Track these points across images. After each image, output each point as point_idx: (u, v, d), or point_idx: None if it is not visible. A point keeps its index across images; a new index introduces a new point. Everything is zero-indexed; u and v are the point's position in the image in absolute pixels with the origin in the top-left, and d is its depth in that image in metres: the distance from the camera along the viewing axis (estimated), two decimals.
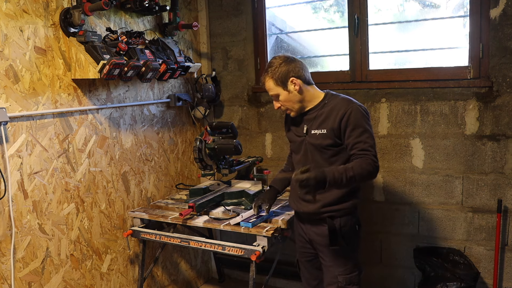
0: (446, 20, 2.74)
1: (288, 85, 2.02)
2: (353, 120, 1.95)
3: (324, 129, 2.02)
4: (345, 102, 2.00)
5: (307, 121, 2.10)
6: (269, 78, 2.05)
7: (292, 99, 2.05)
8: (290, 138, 2.24)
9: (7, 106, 2.03)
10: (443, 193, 2.72)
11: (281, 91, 2.04)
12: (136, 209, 2.73)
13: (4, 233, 2.04)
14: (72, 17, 2.22)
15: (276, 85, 2.03)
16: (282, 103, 2.08)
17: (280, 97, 2.05)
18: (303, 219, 2.20)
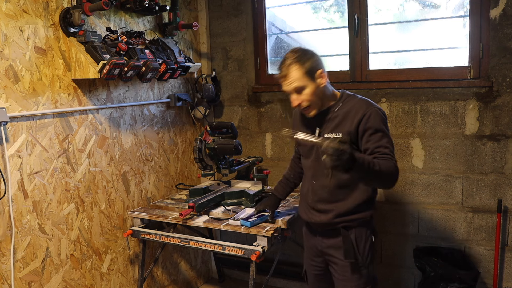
0: (446, 20, 2.74)
1: (316, 77, 1.81)
2: (372, 123, 1.79)
3: (339, 133, 1.84)
4: (364, 104, 1.84)
5: (320, 123, 1.92)
6: (298, 67, 1.80)
7: (318, 94, 1.84)
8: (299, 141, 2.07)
9: (7, 106, 2.03)
10: (443, 193, 2.72)
11: (309, 84, 1.81)
12: (136, 209, 2.73)
13: (4, 233, 2.04)
14: (72, 17, 2.22)
15: (304, 75, 1.79)
16: (305, 98, 1.83)
17: (306, 91, 1.81)
18: (314, 230, 2.06)
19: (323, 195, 1.94)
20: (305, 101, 1.84)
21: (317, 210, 1.96)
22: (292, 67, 1.81)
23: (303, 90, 1.82)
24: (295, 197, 2.74)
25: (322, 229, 2.00)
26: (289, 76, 1.82)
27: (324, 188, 1.92)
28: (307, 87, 1.81)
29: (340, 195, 1.91)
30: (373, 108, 1.82)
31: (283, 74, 1.84)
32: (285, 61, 1.83)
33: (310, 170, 1.99)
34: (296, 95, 1.84)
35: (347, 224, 1.91)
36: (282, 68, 1.85)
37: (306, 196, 2.03)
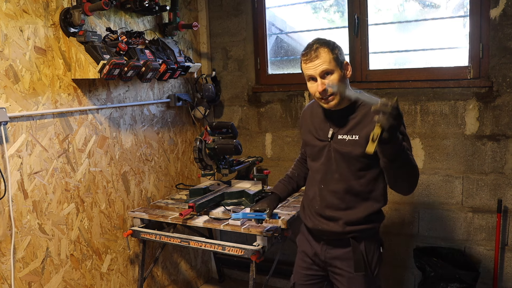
0: (446, 20, 2.74)
1: (344, 66, 1.74)
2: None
3: (356, 135, 1.73)
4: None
5: (334, 123, 1.80)
6: (328, 50, 1.71)
7: (343, 83, 1.74)
8: (307, 141, 1.93)
9: (7, 106, 2.03)
10: (443, 193, 2.72)
11: (337, 70, 1.71)
12: (136, 209, 2.73)
13: (4, 233, 2.04)
14: (72, 17, 2.22)
15: (333, 60, 1.71)
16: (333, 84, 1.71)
17: (333, 76, 1.70)
18: (318, 238, 1.91)
19: (333, 201, 1.82)
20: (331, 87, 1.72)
21: (325, 217, 1.84)
22: (322, 50, 1.72)
23: (331, 74, 1.71)
24: (295, 197, 2.74)
25: (328, 238, 1.86)
26: (319, 57, 1.71)
27: (334, 193, 1.81)
28: (334, 72, 1.71)
29: (350, 202, 1.80)
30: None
31: (312, 56, 1.72)
32: (313, 45, 1.74)
33: (318, 173, 1.86)
34: (321, 80, 1.72)
35: (358, 234, 1.80)
36: (309, 51, 1.74)
37: (312, 202, 1.90)
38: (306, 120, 1.97)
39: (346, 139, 1.75)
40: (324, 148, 1.82)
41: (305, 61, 1.75)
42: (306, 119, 1.97)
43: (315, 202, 1.87)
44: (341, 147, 1.76)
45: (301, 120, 2.03)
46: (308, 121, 1.95)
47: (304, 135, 1.97)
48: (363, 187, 1.78)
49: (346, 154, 1.75)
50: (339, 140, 1.77)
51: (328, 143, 1.81)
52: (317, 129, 1.86)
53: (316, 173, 1.87)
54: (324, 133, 1.83)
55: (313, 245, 1.93)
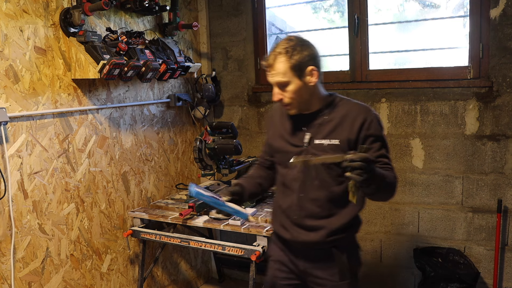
0: (446, 20, 2.74)
1: (305, 75, 1.61)
2: (374, 130, 1.64)
3: (337, 139, 1.64)
4: (363, 109, 1.67)
5: (310, 128, 1.70)
6: (285, 59, 1.59)
7: (304, 93, 1.64)
8: (278, 147, 1.78)
9: (7, 106, 2.03)
10: (443, 193, 2.72)
11: (294, 80, 1.61)
12: (136, 209, 2.73)
13: (4, 233, 2.04)
14: (72, 17, 2.22)
15: (290, 70, 1.59)
16: (288, 95, 1.63)
17: (289, 87, 1.62)
18: (295, 250, 1.79)
19: (313, 209, 1.70)
20: (286, 98, 1.64)
21: (305, 227, 1.72)
22: (279, 58, 1.60)
23: (286, 86, 1.62)
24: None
25: (309, 248, 1.75)
26: (273, 68, 1.61)
27: (315, 201, 1.70)
28: (291, 83, 1.61)
29: (332, 209, 1.70)
30: (373, 114, 1.67)
31: (268, 63, 1.63)
32: (275, 49, 1.63)
33: (296, 182, 1.72)
34: (278, 89, 1.65)
35: (339, 242, 1.71)
36: (269, 55, 1.64)
37: (288, 212, 1.75)
38: (275, 124, 1.82)
39: (325, 144, 1.65)
40: (300, 154, 1.68)
41: (265, 66, 1.66)
42: (275, 123, 1.82)
43: (293, 212, 1.74)
44: (320, 152, 1.64)
45: (267, 124, 1.88)
46: (277, 125, 1.80)
47: (273, 141, 1.81)
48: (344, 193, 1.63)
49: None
50: (317, 145, 1.67)
51: (305, 148, 1.68)
52: (290, 134, 1.73)
53: (293, 181, 1.73)
54: (299, 138, 1.71)
55: (289, 255, 1.82)
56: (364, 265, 3.01)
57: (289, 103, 1.66)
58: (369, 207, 2.92)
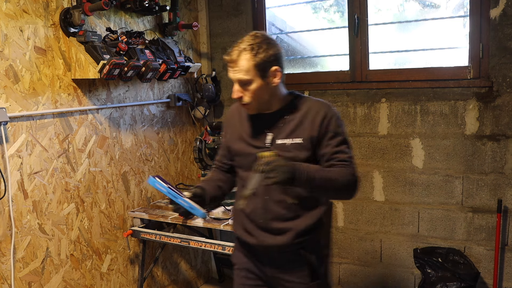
0: (446, 20, 2.74)
1: (268, 75, 1.57)
2: (333, 126, 1.60)
3: (300, 138, 1.60)
4: (323, 106, 1.63)
5: (271, 128, 1.63)
6: (249, 57, 1.53)
7: (265, 93, 1.59)
8: (238, 150, 1.69)
9: (7, 106, 2.03)
10: (443, 193, 2.72)
11: (257, 79, 1.56)
12: (136, 209, 2.73)
13: (4, 233, 2.04)
14: (72, 17, 2.22)
15: (253, 68, 1.54)
16: (248, 94, 1.59)
17: (251, 86, 1.57)
18: (261, 255, 1.73)
19: (279, 211, 1.64)
20: (246, 97, 1.59)
21: (271, 230, 1.65)
22: (243, 55, 1.54)
23: (248, 84, 1.57)
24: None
25: (275, 252, 1.69)
26: (236, 64, 1.56)
27: (280, 203, 1.64)
28: (253, 82, 1.56)
29: (298, 210, 1.64)
30: (334, 110, 1.64)
31: (231, 59, 1.57)
32: (239, 45, 1.56)
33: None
34: (239, 86, 1.60)
35: (307, 244, 1.66)
36: (232, 50, 1.57)
37: (252, 216, 1.68)
38: (234, 125, 1.74)
39: (288, 143, 1.60)
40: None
41: (227, 61, 1.59)
42: (234, 124, 1.74)
43: (257, 216, 1.67)
44: (285, 153, 1.57)
45: (225, 125, 1.80)
46: (237, 126, 1.73)
47: (232, 143, 1.73)
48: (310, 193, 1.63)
49: (290, 159, 1.55)
50: (279, 145, 1.61)
51: (266, 149, 1.60)
52: (251, 136, 1.66)
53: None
54: (260, 139, 1.64)
55: (255, 262, 1.75)
56: (364, 265, 3.03)
57: (248, 102, 1.61)
58: (369, 207, 2.92)
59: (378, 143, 2.84)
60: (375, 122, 2.83)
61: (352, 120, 2.89)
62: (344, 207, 3.00)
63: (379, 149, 2.84)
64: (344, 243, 3.04)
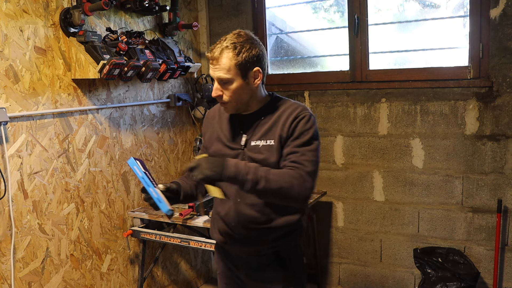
0: (446, 20, 2.74)
1: (249, 75, 1.54)
2: (300, 127, 1.53)
3: (272, 140, 1.56)
4: (298, 107, 1.58)
5: (246, 129, 1.62)
6: (232, 56, 1.50)
7: (244, 93, 1.56)
8: (216, 150, 1.66)
9: (7, 106, 2.03)
10: (443, 193, 2.72)
11: (237, 79, 1.52)
12: (136, 209, 2.73)
13: (4, 233, 2.04)
14: (72, 17, 2.22)
15: (234, 68, 1.51)
16: (228, 93, 1.55)
17: (232, 86, 1.53)
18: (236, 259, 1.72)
19: (251, 214, 1.60)
20: (226, 96, 1.55)
21: (243, 234, 1.62)
22: (225, 53, 1.50)
23: (229, 83, 1.53)
24: None
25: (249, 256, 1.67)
26: (218, 62, 1.52)
27: (253, 206, 1.60)
28: (234, 82, 1.53)
29: (271, 214, 1.60)
30: (306, 113, 1.57)
31: (213, 56, 1.53)
32: (222, 42, 1.53)
33: (232, 187, 1.58)
34: (218, 85, 1.55)
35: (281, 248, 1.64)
36: (215, 47, 1.53)
37: (226, 219, 1.65)
38: (213, 125, 1.71)
39: (260, 145, 1.56)
40: (237, 157, 1.59)
41: (209, 57, 1.56)
42: (213, 125, 1.72)
43: (230, 219, 1.64)
44: (256, 155, 1.56)
45: (205, 125, 1.77)
46: (215, 127, 1.70)
47: (210, 144, 1.70)
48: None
49: (261, 161, 1.53)
50: (252, 147, 1.58)
51: (241, 151, 1.59)
52: (228, 137, 1.64)
53: (230, 186, 1.58)
54: (236, 141, 1.62)
55: (231, 266, 1.74)
56: (364, 265, 3.03)
57: (227, 101, 1.57)
58: (369, 207, 2.92)
59: (378, 143, 2.84)
60: (375, 122, 2.83)
61: (352, 120, 2.90)
62: (344, 207, 3.00)
63: (379, 149, 2.84)
64: (344, 243, 3.05)
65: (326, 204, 3.05)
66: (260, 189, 1.43)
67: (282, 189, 1.45)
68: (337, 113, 2.93)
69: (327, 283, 3.14)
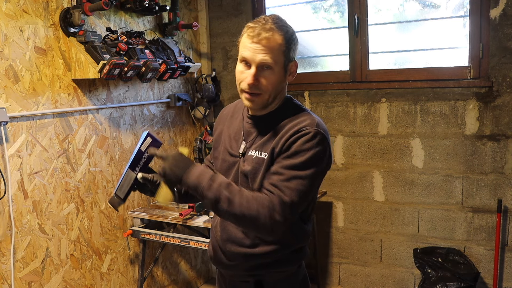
0: (446, 20, 2.74)
1: (289, 68, 1.33)
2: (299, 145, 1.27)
3: (265, 152, 1.32)
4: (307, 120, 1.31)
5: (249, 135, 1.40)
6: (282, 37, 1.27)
7: (279, 86, 1.32)
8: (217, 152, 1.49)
9: (7, 106, 2.03)
10: (443, 193, 2.72)
11: (280, 68, 1.29)
12: (136, 209, 2.73)
13: (4, 233, 2.04)
14: (72, 17, 2.22)
15: (282, 54, 1.28)
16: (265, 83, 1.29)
17: (271, 74, 1.28)
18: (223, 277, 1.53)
19: (236, 234, 1.39)
20: (261, 85, 1.29)
21: (226, 253, 1.42)
22: (276, 33, 1.26)
23: (269, 71, 1.28)
24: None
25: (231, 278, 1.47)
26: (268, 41, 1.26)
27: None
28: (275, 69, 1.28)
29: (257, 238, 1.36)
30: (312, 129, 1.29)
31: (261, 35, 1.25)
32: (268, 22, 1.28)
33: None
34: (256, 71, 1.28)
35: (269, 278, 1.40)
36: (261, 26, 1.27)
37: (214, 231, 1.49)
38: (224, 124, 1.51)
39: (254, 156, 1.34)
40: (234, 165, 1.40)
41: (251, 36, 1.27)
42: (224, 124, 1.51)
43: (217, 233, 1.47)
44: (246, 167, 1.35)
45: (217, 122, 1.56)
46: (225, 126, 1.50)
47: (217, 144, 1.50)
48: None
49: (250, 175, 1.33)
50: (248, 157, 1.36)
51: (238, 160, 1.39)
52: (231, 140, 1.44)
53: None
54: (237, 147, 1.41)
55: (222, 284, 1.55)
56: (364, 265, 3.03)
57: (260, 93, 1.31)
58: (369, 207, 2.92)
59: (378, 143, 2.84)
60: (375, 122, 2.83)
61: (352, 120, 2.90)
62: (344, 207, 3.00)
63: (379, 149, 2.84)
64: (344, 243, 3.05)
65: (326, 204, 3.05)
66: (220, 209, 1.24)
67: (244, 216, 1.23)
68: (337, 113, 2.93)
69: (327, 283, 3.14)
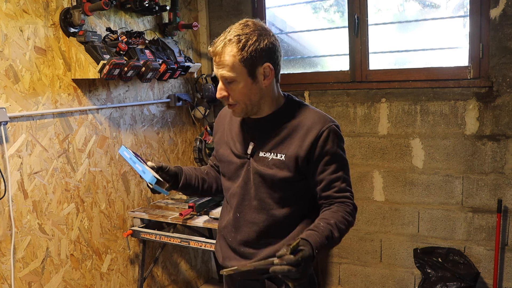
0: (446, 20, 2.74)
1: (257, 72, 1.32)
2: (331, 147, 1.34)
3: (282, 154, 1.35)
4: (320, 119, 1.37)
5: (255, 136, 1.41)
6: (235, 51, 1.28)
7: (253, 93, 1.34)
8: (222, 155, 1.49)
9: (7, 106, 2.03)
10: (443, 193, 2.72)
11: (243, 77, 1.31)
12: (136, 209, 2.73)
13: (4, 233, 2.04)
14: (72, 17, 2.22)
15: (238, 65, 1.29)
16: (233, 95, 1.33)
17: (238, 86, 1.32)
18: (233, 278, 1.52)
19: (249, 234, 1.42)
20: (232, 98, 1.34)
21: (239, 253, 1.44)
22: (228, 47, 1.28)
23: (234, 83, 1.32)
24: None
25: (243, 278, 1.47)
26: (220, 58, 1.30)
27: (252, 225, 1.42)
28: (240, 81, 1.31)
29: (270, 238, 1.40)
30: (331, 125, 1.36)
31: (214, 51, 1.31)
32: (226, 34, 1.31)
33: (234, 198, 1.44)
34: (223, 84, 1.34)
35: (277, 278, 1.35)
36: (217, 41, 1.32)
37: (225, 231, 1.49)
38: (224, 126, 1.53)
39: (269, 158, 1.36)
40: (243, 166, 1.42)
41: (210, 52, 1.35)
42: (224, 125, 1.53)
43: (228, 233, 1.47)
44: (263, 168, 1.37)
45: (216, 125, 1.58)
46: (225, 128, 1.51)
47: (219, 147, 1.52)
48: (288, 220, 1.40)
49: (268, 177, 1.36)
50: (260, 158, 1.38)
51: (247, 160, 1.41)
52: (235, 141, 1.45)
53: (232, 197, 1.45)
54: (243, 148, 1.42)
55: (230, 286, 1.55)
56: (364, 265, 3.03)
57: (233, 103, 1.35)
58: (369, 207, 2.92)
59: (378, 143, 2.84)
60: (375, 122, 2.83)
61: (352, 120, 2.90)
62: None
63: (379, 149, 2.84)
64: (344, 243, 3.04)
65: None
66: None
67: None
68: (337, 113, 2.93)
69: (327, 283, 3.14)
